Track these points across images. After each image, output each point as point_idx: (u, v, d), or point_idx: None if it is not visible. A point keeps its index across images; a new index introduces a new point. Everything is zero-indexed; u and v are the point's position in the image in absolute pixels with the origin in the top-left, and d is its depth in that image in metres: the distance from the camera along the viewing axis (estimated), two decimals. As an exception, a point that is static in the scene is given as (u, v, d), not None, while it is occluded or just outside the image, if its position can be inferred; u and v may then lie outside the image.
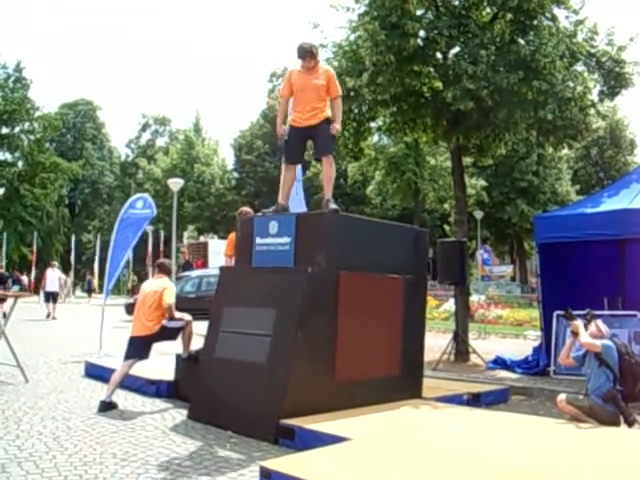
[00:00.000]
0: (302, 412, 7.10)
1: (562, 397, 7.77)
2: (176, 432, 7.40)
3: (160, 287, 9.19)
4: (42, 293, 29.28)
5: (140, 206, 15.46)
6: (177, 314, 9.30)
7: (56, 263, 27.95)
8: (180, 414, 8.27)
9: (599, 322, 8.13)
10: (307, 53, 8.34)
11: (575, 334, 7.96)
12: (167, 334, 9.19)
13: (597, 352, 7.58)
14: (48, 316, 25.72)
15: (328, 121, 8.33)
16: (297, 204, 13.50)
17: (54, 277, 27.42)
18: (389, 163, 41.64)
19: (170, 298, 9.08)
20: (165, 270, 9.87)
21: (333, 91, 8.46)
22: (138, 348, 9.00)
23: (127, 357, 9.07)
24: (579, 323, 7.92)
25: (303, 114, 8.34)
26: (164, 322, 9.07)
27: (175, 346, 9.76)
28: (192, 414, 8.01)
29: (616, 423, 7.42)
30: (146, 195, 16.93)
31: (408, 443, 6.38)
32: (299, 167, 12.35)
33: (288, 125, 8.62)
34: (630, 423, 7.39)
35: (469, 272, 20.70)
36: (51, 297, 26.58)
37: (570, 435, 6.82)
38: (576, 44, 13.39)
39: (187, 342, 9.37)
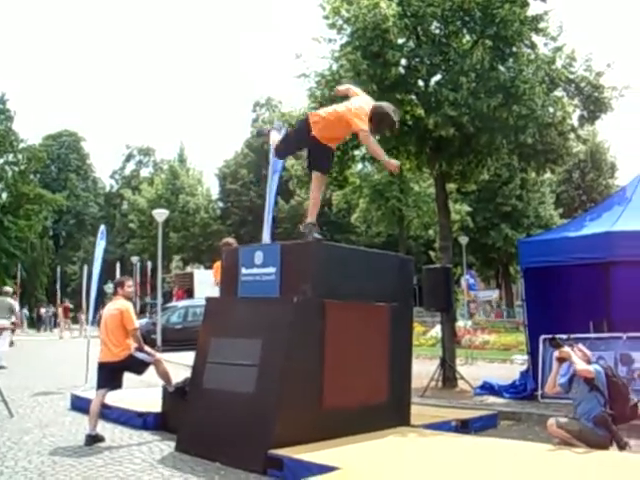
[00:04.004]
0: (290, 442, 7.07)
1: (552, 421, 7.78)
2: (164, 465, 7.34)
3: (118, 310, 9.08)
4: None
5: (99, 237, 15.75)
6: (147, 348, 9.24)
7: (9, 289, 20.23)
8: (168, 446, 8.21)
9: (582, 347, 8.19)
10: None
11: (562, 360, 7.98)
12: (135, 365, 9.06)
13: (592, 378, 7.61)
14: None
15: None
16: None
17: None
18: (373, 191, 41.70)
19: (133, 322, 9.00)
20: (122, 290, 9.60)
21: None
22: (108, 376, 8.90)
23: (99, 386, 8.98)
24: (569, 350, 7.94)
25: None
26: (132, 351, 8.98)
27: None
28: (180, 446, 7.96)
29: (606, 447, 7.45)
30: (103, 226, 16.92)
31: (397, 472, 6.36)
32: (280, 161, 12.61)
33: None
34: (622, 447, 7.42)
35: (455, 298, 20.75)
36: None
37: (561, 460, 6.80)
38: (555, 70, 13.57)
39: (166, 378, 9.26)
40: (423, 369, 14.16)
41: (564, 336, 8.13)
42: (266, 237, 13.65)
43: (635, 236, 11.10)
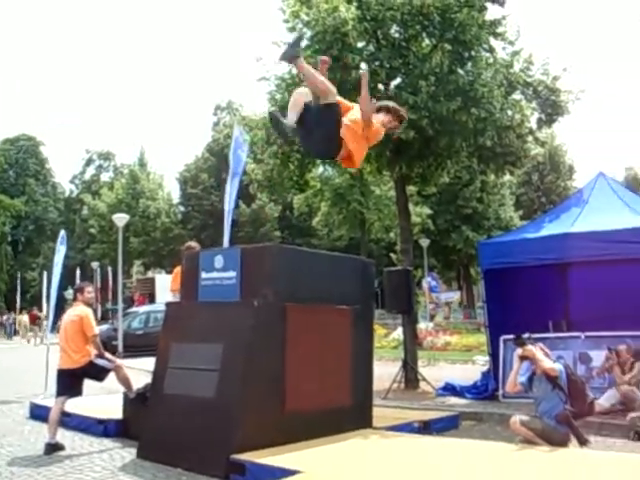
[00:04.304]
0: (253, 446, 7.05)
1: (515, 419, 7.85)
2: (125, 472, 7.27)
3: (77, 316, 8.98)
4: None
5: (59, 243, 15.63)
6: (107, 355, 9.16)
7: None
8: (129, 453, 8.13)
9: (542, 346, 8.29)
10: None
11: (524, 359, 8.06)
12: (95, 371, 8.96)
13: (555, 376, 7.71)
14: None
15: None
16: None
17: None
18: (334, 194, 41.77)
19: (92, 328, 8.91)
20: (82, 296, 9.49)
21: None
22: (67, 383, 8.80)
23: (58, 393, 8.87)
24: (533, 348, 8.03)
25: None
26: (92, 358, 8.89)
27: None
28: (141, 453, 7.89)
29: (565, 444, 7.56)
30: (63, 232, 16.76)
31: (360, 474, 6.37)
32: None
33: None
34: (583, 443, 7.54)
35: (416, 300, 20.85)
36: None
37: (523, 458, 6.87)
38: (513, 74, 13.75)
39: (127, 385, 9.19)
40: (385, 371, 14.19)
41: (526, 335, 8.20)
42: (226, 241, 13.62)
43: (592, 237, 11.26)
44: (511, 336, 11.57)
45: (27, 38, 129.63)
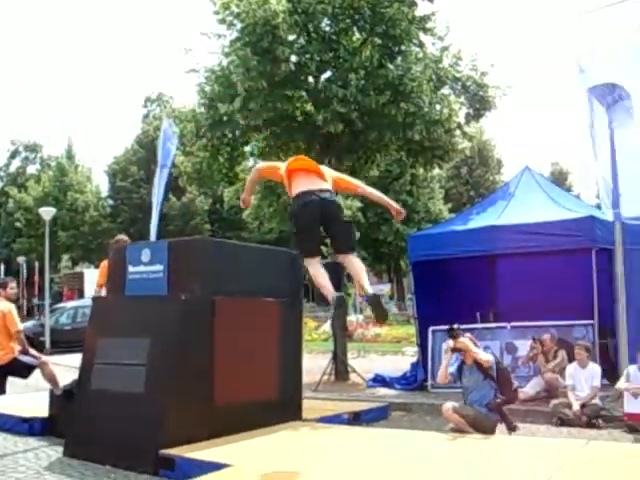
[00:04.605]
0: (182, 441, 6.98)
1: (448, 406, 7.96)
2: (51, 471, 7.10)
3: (0, 312, 8.80)
4: None
5: None
6: (32, 351, 8.99)
7: None
8: (56, 452, 7.93)
9: (471, 337, 8.45)
10: None
11: (455, 351, 8.19)
12: (19, 368, 8.80)
13: (489, 367, 7.87)
14: None
15: None
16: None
17: None
18: (265, 187, 41.65)
19: (16, 324, 8.74)
20: (4, 291, 9.33)
21: None
22: None
23: None
24: (466, 340, 8.16)
25: None
26: (16, 354, 8.71)
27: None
28: (68, 451, 7.71)
29: (493, 431, 7.76)
30: None
31: (290, 466, 6.38)
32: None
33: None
34: (512, 430, 7.73)
35: (346, 292, 20.94)
36: None
37: (453, 446, 6.96)
38: (442, 69, 13.93)
39: (53, 381, 9.00)
40: (316, 364, 14.26)
41: (456, 325, 8.33)
42: (153, 233, 13.49)
43: (517, 229, 11.51)
44: (440, 327, 11.83)
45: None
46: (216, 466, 6.25)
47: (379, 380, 13.18)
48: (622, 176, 10.15)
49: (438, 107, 13.73)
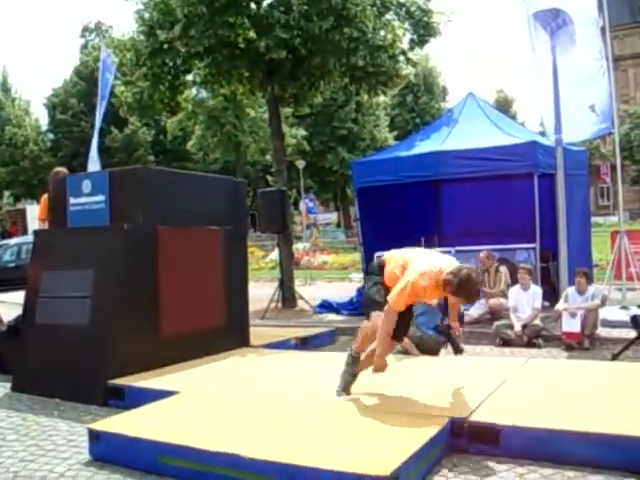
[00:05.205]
0: (130, 370, 7.01)
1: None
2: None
3: None
4: None
5: None
6: None
7: None
8: (3, 387, 7.83)
9: None
10: None
11: None
12: None
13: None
14: None
15: None
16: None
17: None
18: (208, 117, 41.23)
19: None
20: None
21: None
22: None
23: None
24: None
25: None
26: None
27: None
28: (16, 386, 7.65)
29: (438, 353, 7.98)
30: None
31: (236, 389, 6.46)
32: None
33: None
34: (459, 352, 7.93)
35: (292, 220, 21.02)
36: None
37: (399, 366, 7.04)
38: (386, -6, 13.72)
39: None
40: (263, 292, 14.33)
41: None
42: (94, 165, 13.27)
43: (461, 154, 11.59)
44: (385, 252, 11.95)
45: None
46: (165, 393, 6.30)
47: (326, 306, 13.32)
48: (564, 102, 10.24)
49: (382, 33, 13.61)
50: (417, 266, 5.30)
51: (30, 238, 26.60)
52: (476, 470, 4.55)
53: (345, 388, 5.90)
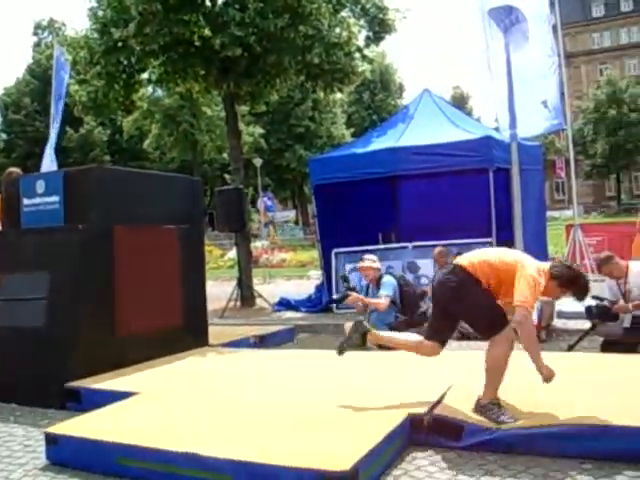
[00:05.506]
0: (87, 373, 6.91)
1: (350, 324, 8.14)
2: (-47, 414, 6.92)
3: None
4: None
5: None
6: None
7: None
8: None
9: (370, 256, 8.66)
10: None
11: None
12: None
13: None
14: None
15: None
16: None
17: None
18: (164, 115, 41.05)
19: None
20: None
21: None
22: None
23: None
24: (357, 295, 8.48)
25: None
26: None
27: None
28: (-30, 393, 7.54)
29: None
30: None
31: (195, 389, 6.43)
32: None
33: None
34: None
35: (250, 219, 20.98)
36: None
37: (355, 361, 7.09)
38: (342, -9, 13.78)
39: None
40: (222, 291, 14.31)
41: (358, 248, 8.50)
42: (50, 165, 13.09)
43: (417, 150, 11.67)
44: (342, 249, 12.07)
45: None
46: (122, 395, 6.22)
47: (284, 304, 13.34)
48: (517, 98, 10.35)
49: (337, 30, 13.65)
50: (530, 263, 5.15)
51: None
52: (436, 462, 4.58)
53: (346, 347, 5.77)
